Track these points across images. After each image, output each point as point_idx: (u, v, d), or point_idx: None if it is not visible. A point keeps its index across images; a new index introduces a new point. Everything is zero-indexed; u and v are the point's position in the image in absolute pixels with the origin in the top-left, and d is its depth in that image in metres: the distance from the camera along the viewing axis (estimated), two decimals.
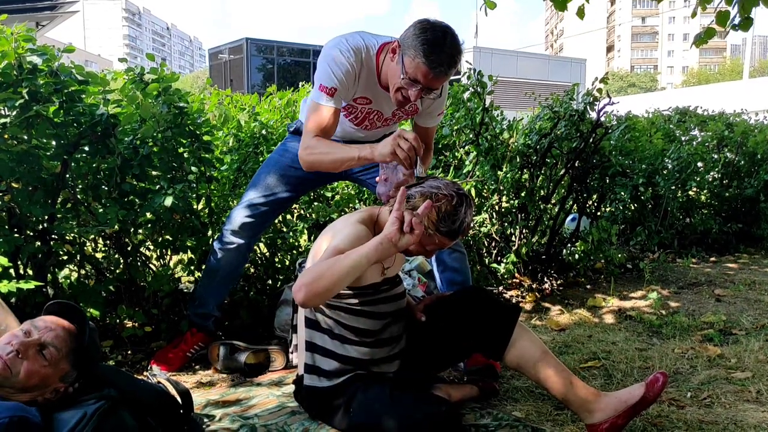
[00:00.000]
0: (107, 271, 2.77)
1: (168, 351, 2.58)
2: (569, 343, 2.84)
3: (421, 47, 1.90)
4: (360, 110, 2.26)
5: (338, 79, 2.05)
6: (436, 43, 1.91)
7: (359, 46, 2.09)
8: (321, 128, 2.06)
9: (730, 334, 2.99)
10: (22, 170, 2.35)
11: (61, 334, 1.60)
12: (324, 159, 2.06)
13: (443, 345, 2.03)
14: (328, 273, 1.59)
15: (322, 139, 2.06)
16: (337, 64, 2.05)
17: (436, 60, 1.91)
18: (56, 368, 1.58)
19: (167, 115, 2.58)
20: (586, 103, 3.83)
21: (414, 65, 1.93)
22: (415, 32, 1.94)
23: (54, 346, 1.57)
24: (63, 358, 1.59)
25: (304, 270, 1.67)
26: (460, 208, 1.78)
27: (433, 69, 1.92)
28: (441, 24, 1.96)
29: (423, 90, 1.99)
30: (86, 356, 1.64)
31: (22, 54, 2.29)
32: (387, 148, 1.87)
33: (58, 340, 1.58)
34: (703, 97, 10.05)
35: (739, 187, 5.64)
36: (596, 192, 4.57)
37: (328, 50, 2.10)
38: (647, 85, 66.54)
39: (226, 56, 21.92)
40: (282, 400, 2.21)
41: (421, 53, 1.91)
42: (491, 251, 3.88)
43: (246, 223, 2.46)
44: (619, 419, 1.83)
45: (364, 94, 2.19)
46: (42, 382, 1.56)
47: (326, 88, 2.05)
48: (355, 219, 1.87)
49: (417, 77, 1.95)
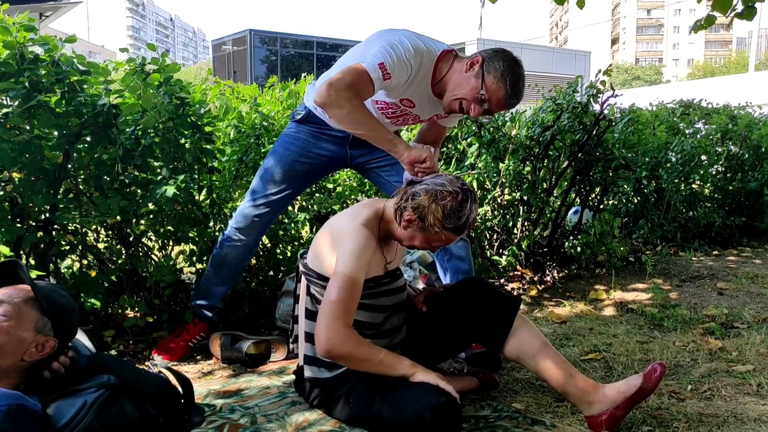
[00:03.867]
0: (109, 262, 2.78)
1: (170, 341, 2.59)
2: (570, 336, 2.84)
3: (509, 76, 2.00)
4: (401, 110, 2.24)
5: (398, 72, 2.02)
6: (516, 77, 2.02)
7: (420, 49, 2.06)
8: (357, 87, 1.96)
9: (731, 327, 2.99)
10: (24, 160, 2.35)
11: (6, 288, 1.56)
12: (357, 117, 1.97)
13: (444, 336, 2.03)
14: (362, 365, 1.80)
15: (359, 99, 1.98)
16: (403, 61, 2.02)
17: (516, 93, 2.03)
18: (20, 321, 1.54)
19: (169, 106, 2.58)
20: (589, 95, 3.81)
21: (496, 87, 2.01)
22: (504, 59, 2.02)
23: (4, 301, 1.54)
24: (21, 307, 1.56)
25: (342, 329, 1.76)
26: (465, 204, 1.79)
27: (510, 99, 2.03)
28: (521, 62, 2.07)
29: (486, 112, 2.05)
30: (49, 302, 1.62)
31: (23, 44, 2.29)
32: (407, 168, 1.99)
33: (4, 293, 1.55)
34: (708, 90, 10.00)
35: (743, 181, 5.63)
36: (599, 185, 4.56)
37: (394, 44, 2.02)
38: (652, 77, 66.25)
39: (230, 48, 21.87)
40: (283, 390, 2.21)
41: (508, 81, 2.00)
42: (493, 243, 3.88)
43: (253, 222, 2.46)
44: (617, 410, 1.83)
45: (410, 97, 2.18)
46: (13, 339, 1.53)
47: (386, 70, 1.99)
48: (360, 222, 1.85)
49: (492, 98, 2.02)
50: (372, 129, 2.00)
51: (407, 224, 1.83)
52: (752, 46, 32.49)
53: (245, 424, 1.92)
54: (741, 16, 2.98)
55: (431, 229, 1.80)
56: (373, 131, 2.01)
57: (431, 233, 1.81)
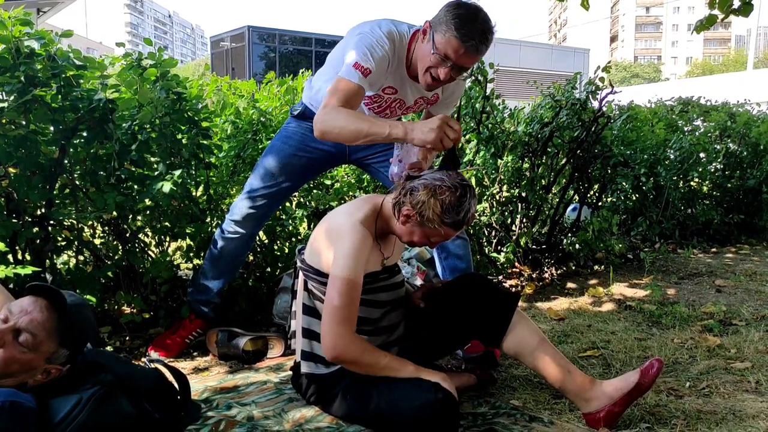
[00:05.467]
0: (105, 258, 2.76)
1: (166, 337, 2.58)
2: (568, 333, 2.84)
3: (453, 21, 1.89)
4: (385, 100, 2.22)
5: (376, 63, 1.99)
6: (469, 18, 1.89)
7: (393, 35, 2.04)
8: (346, 101, 1.94)
9: (729, 324, 2.98)
10: (19, 155, 2.34)
11: (36, 317, 1.54)
12: (348, 126, 1.90)
13: (442, 332, 2.03)
14: (368, 369, 1.81)
15: (346, 109, 1.93)
16: (376, 49, 2.00)
17: (467, 33, 1.88)
18: (37, 352, 1.54)
19: (165, 101, 2.57)
20: (588, 92, 3.80)
21: (445, 41, 1.91)
22: (447, 9, 1.93)
23: (29, 332, 1.52)
24: (44, 341, 1.54)
25: (347, 335, 1.77)
26: (464, 199, 1.78)
27: (465, 43, 1.89)
28: (473, 3, 1.95)
29: (453, 69, 1.96)
30: (74, 334, 1.61)
31: (19, 38, 2.27)
32: (431, 135, 1.78)
33: (33, 324, 1.53)
34: (706, 88, 9.99)
35: (741, 178, 5.62)
36: (597, 182, 4.55)
37: (362, 35, 2.02)
38: (651, 75, 66.22)
39: (228, 44, 21.85)
40: (279, 386, 2.21)
41: (452, 27, 1.89)
42: (491, 240, 3.87)
43: (249, 215, 2.45)
44: (615, 407, 1.83)
45: (392, 84, 2.16)
46: (24, 368, 1.53)
47: (362, 67, 1.96)
48: (357, 219, 1.83)
49: (448, 53, 1.93)
50: (372, 128, 1.89)
51: (406, 219, 1.82)
52: (751, 44, 32.52)
53: (242, 420, 1.91)
54: (738, 13, 2.97)
55: (430, 224, 1.79)
56: (374, 128, 1.89)
57: (430, 228, 1.80)
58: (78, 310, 1.63)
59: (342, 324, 1.76)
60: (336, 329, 1.76)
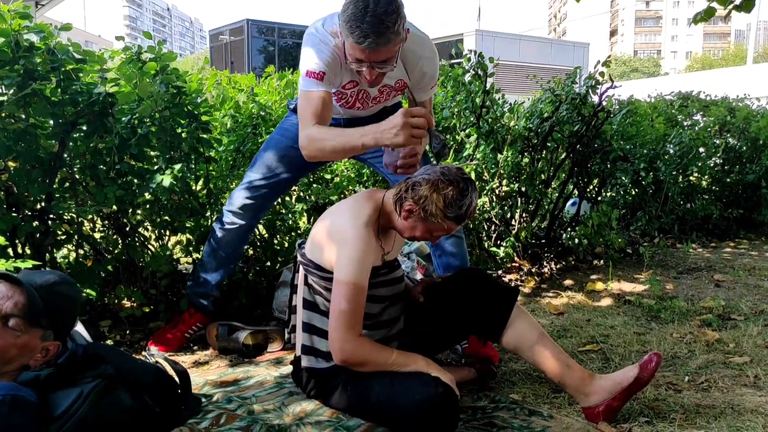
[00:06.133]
0: (105, 251, 2.76)
1: (166, 331, 2.58)
2: (567, 327, 2.84)
3: (346, 26, 1.81)
4: (350, 95, 2.20)
5: (324, 62, 1.96)
6: (356, 17, 1.78)
7: (336, 31, 1.97)
8: (317, 115, 1.95)
9: (728, 319, 2.99)
10: (19, 149, 2.33)
11: (20, 299, 1.53)
12: (326, 147, 1.93)
13: (441, 327, 2.03)
14: (377, 369, 1.81)
15: (321, 127, 1.95)
16: (321, 48, 1.97)
17: (360, 34, 1.79)
18: (30, 333, 1.54)
19: (165, 95, 2.56)
20: (588, 86, 3.80)
21: (349, 46, 1.86)
22: (342, 11, 1.84)
23: (16, 315, 1.51)
24: (33, 321, 1.54)
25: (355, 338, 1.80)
26: (465, 192, 1.78)
27: (362, 44, 1.81)
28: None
29: (372, 66, 1.90)
30: (51, 311, 1.59)
31: (18, 31, 2.26)
32: (400, 138, 1.77)
33: (18, 307, 1.52)
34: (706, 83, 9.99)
35: (741, 173, 5.62)
36: (597, 176, 4.55)
37: (308, 36, 2.01)
38: (650, 70, 66.16)
39: (227, 38, 21.76)
40: (280, 380, 2.21)
41: (347, 32, 1.81)
42: (491, 235, 3.87)
43: (246, 205, 2.45)
44: (614, 401, 1.84)
45: (351, 78, 2.12)
46: (22, 351, 1.53)
47: (314, 73, 1.96)
48: (362, 222, 1.82)
49: (357, 56, 1.87)
50: (348, 142, 1.88)
51: (408, 214, 1.82)
52: (751, 38, 32.48)
53: (242, 414, 1.92)
54: (739, 9, 2.95)
55: (432, 218, 1.79)
56: (349, 142, 1.88)
57: (432, 223, 1.81)
58: (49, 289, 1.60)
59: (349, 329, 1.78)
60: (344, 334, 1.78)
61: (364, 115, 2.30)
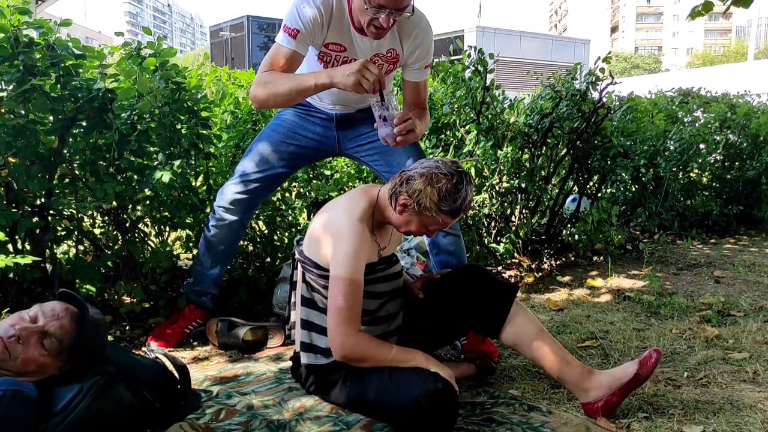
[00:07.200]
0: (105, 247, 2.77)
1: (166, 327, 2.59)
2: (567, 323, 2.85)
3: None
4: (335, 58, 2.20)
5: (303, 21, 2.04)
6: None
7: None
8: (278, 67, 2.06)
9: (728, 315, 2.99)
10: (19, 145, 2.34)
11: (66, 324, 1.57)
12: (279, 90, 2.03)
13: (441, 322, 2.03)
14: (377, 364, 1.81)
15: (274, 72, 2.04)
16: (303, 6, 2.04)
17: None
18: (55, 358, 1.56)
19: (165, 91, 2.56)
20: (588, 83, 3.79)
21: None
22: None
23: (56, 337, 1.55)
24: (64, 350, 1.57)
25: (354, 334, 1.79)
26: (460, 186, 1.78)
27: None
28: None
29: (392, 13, 1.96)
30: (87, 351, 1.62)
31: (18, 27, 2.26)
32: (351, 79, 1.87)
33: (62, 330, 1.56)
34: (707, 79, 9.96)
35: (741, 169, 5.62)
36: (597, 173, 4.55)
37: None
38: (651, 66, 65.98)
39: (227, 34, 21.72)
40: (279, 376, 2.22)
41: None
42: (490, 231, 3.87)
43: (237, 200, 2.43)
44: (613, 397, 1.84)
45: (336, 41, 2.15)
46: (38, 370, 1.55)
47: (289, 29, 2.05)
48: (356, 218, 1.83)
49: (381, 2, 1.93)
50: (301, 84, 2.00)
51: (402, 209, 1.82)
52: (751, 35, 32.44)
53: (242, 409, 1.92)
54: (738, 4, 2.94)
55: (427, 212, 1.79)
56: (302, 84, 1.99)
57: (427, 217, 1.80)
58: (95, 329, 1.64)
59: (348, 324, 1.78)
60: (342, 330, 1.78)
61: (352, 96, 2.27)
